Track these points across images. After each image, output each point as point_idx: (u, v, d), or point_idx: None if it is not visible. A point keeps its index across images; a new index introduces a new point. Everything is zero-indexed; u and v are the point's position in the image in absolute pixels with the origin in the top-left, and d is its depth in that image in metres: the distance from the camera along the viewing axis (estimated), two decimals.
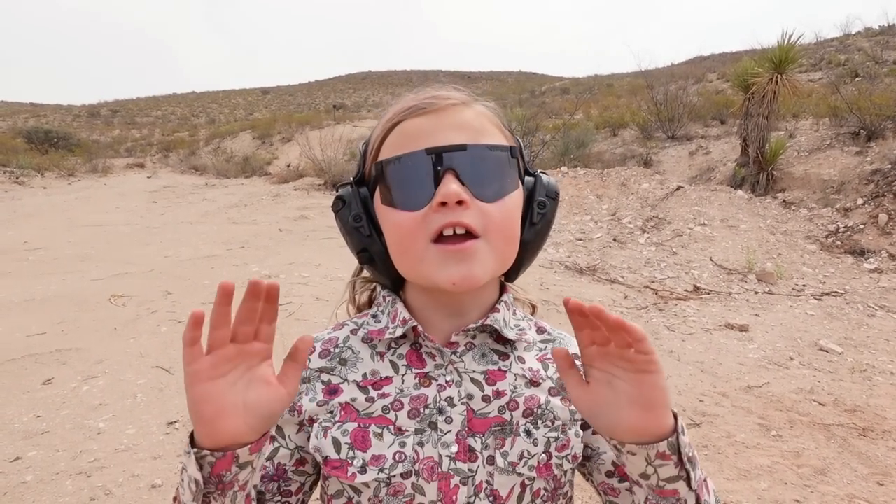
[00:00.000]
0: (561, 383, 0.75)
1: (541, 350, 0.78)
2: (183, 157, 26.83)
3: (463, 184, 0.64)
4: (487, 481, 0.69)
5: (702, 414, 3.32)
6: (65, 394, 3.47)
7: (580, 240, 8.02)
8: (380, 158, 0.69)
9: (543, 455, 0.71)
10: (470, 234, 0.65)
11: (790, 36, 9.54)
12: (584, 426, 0.76)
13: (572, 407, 0.74)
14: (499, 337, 0.74)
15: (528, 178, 0.75)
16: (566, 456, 0.72)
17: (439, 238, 0.65)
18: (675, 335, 4.79)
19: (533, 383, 0.74)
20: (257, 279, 0.56)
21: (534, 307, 0.86)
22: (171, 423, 3.12)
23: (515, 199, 0.69)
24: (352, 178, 0.75)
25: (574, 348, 0.78)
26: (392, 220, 0.68)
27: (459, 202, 0.63)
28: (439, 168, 0.64)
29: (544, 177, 0.76)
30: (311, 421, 0.73)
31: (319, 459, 0.71)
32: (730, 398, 3.56)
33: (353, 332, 0.78)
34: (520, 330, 0.77)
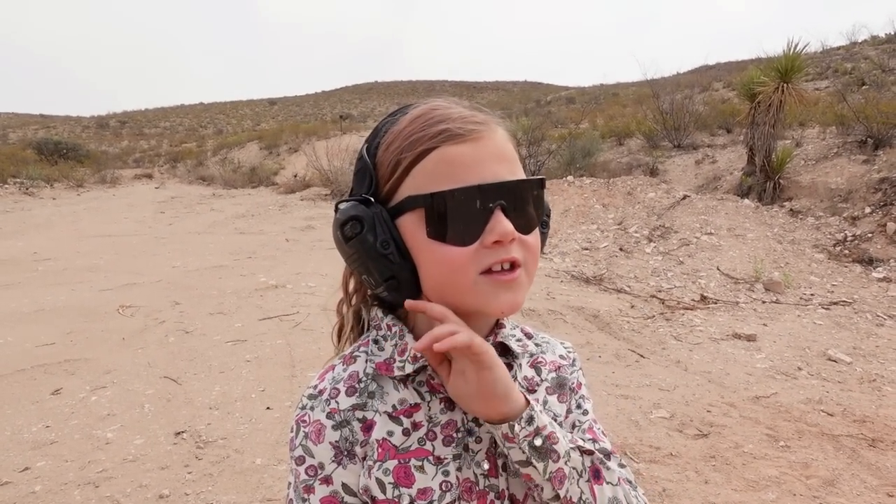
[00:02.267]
0: (557, 381, 0.81)
1: (531, 355, 0.82)
2: (190, 167, 27.01)
3: (509, 218, 0.65)
4: (507, 488, 0.72)
5: (709, 424, 3.31)
6: (73, 404, 3.49)
7: (586, 249, 8.02)
8: (413, 188, 0.66)
9: None
10: (513, 265, 0.67)
11: (796, 45, 9.55)
12: None
13: (566, 404, 0.80)
14: (503, 350, 0.75)
15: None
16: None
17: (487, 269, 0.66)
18: (682, 345, 4.77)
19: (530, 391, 0.77)
20: None
21: None
22: (179, 433, 3.13)
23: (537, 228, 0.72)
24: (361, 195, 0.70)
25: (558, 349, 0.85)
26: (441, 255, 0.66)
27: (512, 239, 0.65)
28: (491, 205, 0.64)
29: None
30: (364, 458, 0.70)
31: (367, 500, 0.69)
32: (737, 408, 3.54)
33: (368, 362, 0.75)
34: (518, 341, 0.79)
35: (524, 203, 0.67)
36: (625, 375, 4.04)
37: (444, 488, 0.68)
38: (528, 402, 0.67)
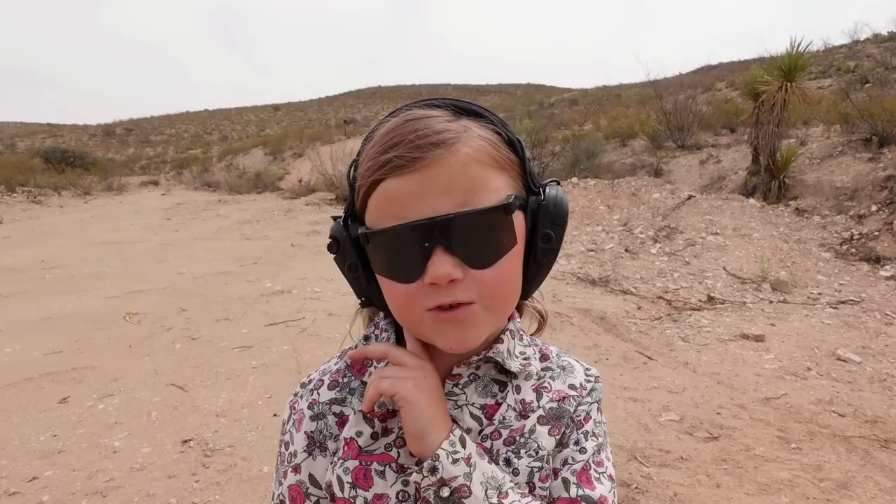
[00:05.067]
0: (554, 412, 0.73)
1: (538, 379, 0.75)
2: (196, 174, 27.12)
3: (456, 253, 0.61)
4: None
5: (720, 427, 3.28)
6: (80, 412, 3.49)
7: (592, 251, 7.99)
8: (367, 220, 0.66)
9: (525, 485, 0.68)
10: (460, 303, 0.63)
11: (799, 43, 9.52)
12: (555, 472, 0.73)
13: (558, 437, 0.72)
14: (502, 367, 0.72)
15: (532, 199, 0.68)
16: (551, 488, 0.70)
17: (434, 307, 0.63)
18: (689, 346, 4.74)
19: (522, 416, 0.72)
20: None
21: (542, 319, 0.82)
22: (186, 441, 3.13)
23: (514, 254, 0.65)
24: (343, 213, 0.71)
25: (574, 378, 0.77)
26: (386, 288, 0.66)
27: (451, 280, 0.61)
28: (427, 244, 0.61)
29: (552, 195, 0.69)
30: (334, 454, 0.72)
31: (327, 496, 0.70)
32: (748, 410, 3.51)
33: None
34: (525, 359, 0.74)
35: (474, 236, 0.61)
36: (633, 378, 4.02)
37: (400, 498, 0.67)
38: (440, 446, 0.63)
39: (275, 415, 3.41)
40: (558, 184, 0.71)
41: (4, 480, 2.77)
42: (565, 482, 0.71)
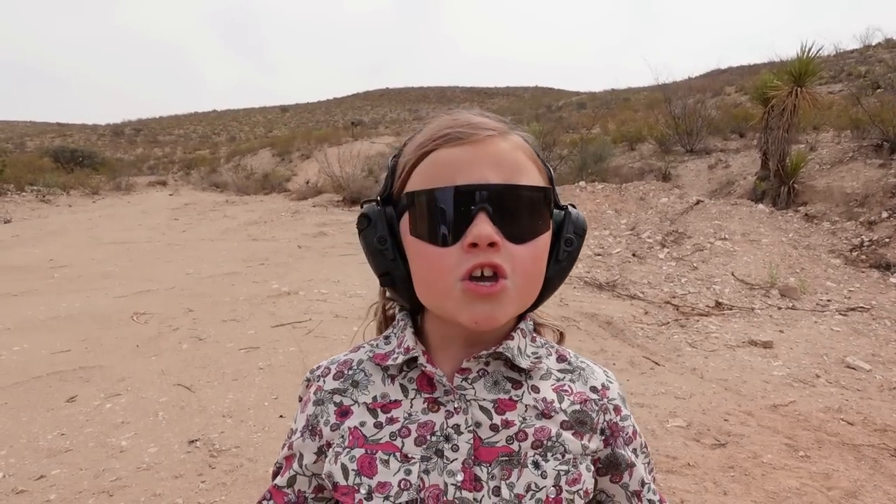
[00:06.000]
0: (577, 417, 0.74)
1: (558, 380, 0.76)
2: (204, 174, 27.27)
3: (495, 224, 0.63)
4: None
5: (727, 434, 3.26)
6: (88, 411, 3.50)
7: (599, 255, 7.97)
8: (410, 188, 0.69)
9: (553, 489, 0.69)
10: (498, 275, 0.64)
11: (809, 48, 9.48)
12: (601, 471, 0.76)
13: (584, 441, 0.73)
14: (513, 364, 0.73)
15: (556, 212, 0.73)
16: (578, 491, 0.70)
17: (468, 275, 0.64)
18: (697, 352, 4.72)
19: (544, 415, 0.72)
20: None
21: (561, 335, 0.84)
22: (192, 441, 3.14)
23: (545, 240, 0.69)
24: (378, 196, 0.74)
25: (595, 380, 0.78)
26: (421, 254, 0.67)
27: (491, 244, 0.62)
28: (473, 207, 0.63)
29: (574, 211, 0.75)
30: (329, 445, 0.74)
31: (329, 485, 0.72)
32: (755, 417, 3.48)
33: (368, 354, 0.78)
34: (536, 358, 0.75)
35: (515, 210, 0.64)
36: (640, 383, 4.00)
37: (402, 486, 0.68)
38: None
39: (281, 416, 3.41)
40: (575, 208, 0.77)
41: (12, 478, 2.78)
42: (637, 495, 0.78)
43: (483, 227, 0.62)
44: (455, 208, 0.63)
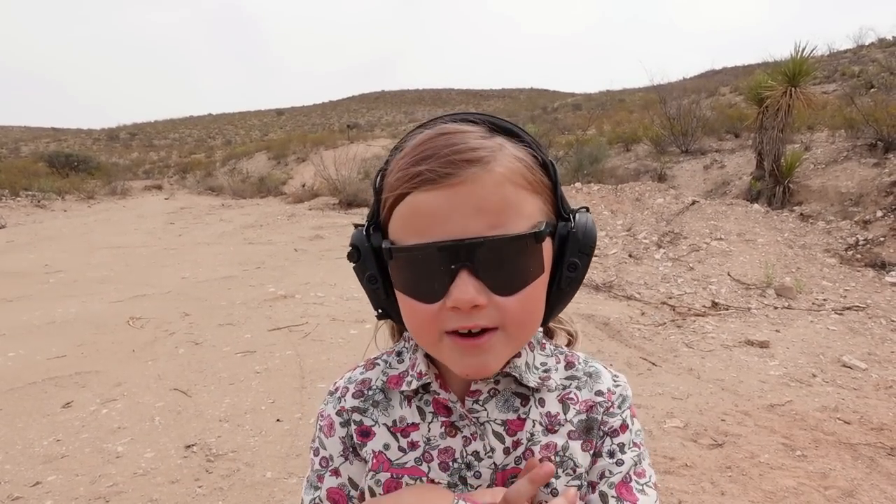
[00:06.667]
0: (584, 425, 0.72)
1: (564, 388, 0.74)
2: (199, 178, 27.22)
3: (480, 278, 0.59)
4: None
5: (724, 434, 3.26)
6: (84, 417, 3.49)
7: (595, 256, 7.96)
8: (391, 233, 0.64)
9: None
10: (486, 330, 0.62)
11: (803, 48, 9.51)
12: (592, 485, 0.73)
13: (592, 452, 0.72)
14: (518, 382, 0.71)
15: (561, 226, 0.66)
16: (589, 501, 0.70)
17: (454, 331, 0.62)
18: (694, 352, 4.72)
19: (550, 430, 0.71)
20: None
21: (571, 337, 0.82)
22: (189, 446, 3.12)
23: (539, 283, 0.63)
24: (366, 221, 0.69)
25: (601, 384, 0.76)
26: (405, 306, 0.65)
27: (475, 306, 0.59)
28: (453, 266, 0.59)
29: (581, 221, 0.67)
30: (366, 462, 0.73)
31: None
32: (752, 417, 3.49)
33: (383, 377, 0.76)
34: (545, 370, 0.73)
35: (501, 263, 0.59)
36: (637, 384, 4.00)
37: None
38: None
39: (278, 420, 3.40)
40: (588, 211, 0.69)
41: (7, 485, 2.77)
42: (603, 496, 0.70)
43: (465, 289, 0.58)
44: (435, 267, 0.59)
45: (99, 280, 7.40)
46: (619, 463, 0.71)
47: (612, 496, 0.70)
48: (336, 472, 0.73)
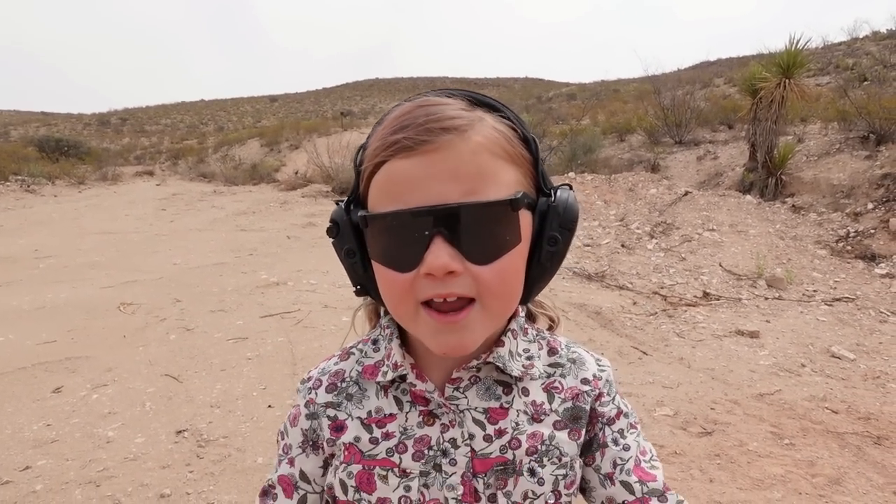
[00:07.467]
0: (571, 414, 0.71)
1: (548, 376, 0.73)
2: (192, 164, 26.96)
3: (454, 245, 0.58)
4: None
5: (713, 422, 3.29)
6: (74, 402, 3.48)
7: (588, 245, 8.00)
8: (369, 203, 0.64)
9: (551, 494, 0.68)
10: (463, 298, 0.60)
11: (798, 40, 9.51)
12: (582, 455, 0.73)
13: (579, 440, 0.71)
14: (500, 371, 0.70)
15: (542, 201, 0.65)
16: (575, 493, 0.70)
17: (430, 301, 0.60)
18: (684, 342, 4.75)
19: (535, 419, 0.70)
20: None
21: (553, 322, 0.80)
22: (180, 431, 3.12)
23: (516, 254, 0.61)
24: (347, 197, 0.68)
25: (586, 371, 0.75)
26: (381, 276, 0.63)
27: (450, 272, 0.58)
28: (427, 232, 0.57)
29: (562, 197, 0.66)
30: (332, 456, 0.73)
31: (330, 499, 0.71)
32: (741, 406, 3.52)
33: (359, 363, 0.76)
34: (528, 358, 0.72)
35: (476, 229, 0.58)
36: (628, 373, 4.03)
37: (402, 502, 0.67)
38: None
39: (269, 406, 3.40)
40: (570, 188, 0.69)
41: None
42: (626, 485, 0.70)
43: (439, 255, 0.57)
44: (409, 233, 0.58)
45: (89, 265, 7.35)
46: (626, 448, 0.72)
47: (635, 481, 0.70)
48: (291, 462, 0.75)
